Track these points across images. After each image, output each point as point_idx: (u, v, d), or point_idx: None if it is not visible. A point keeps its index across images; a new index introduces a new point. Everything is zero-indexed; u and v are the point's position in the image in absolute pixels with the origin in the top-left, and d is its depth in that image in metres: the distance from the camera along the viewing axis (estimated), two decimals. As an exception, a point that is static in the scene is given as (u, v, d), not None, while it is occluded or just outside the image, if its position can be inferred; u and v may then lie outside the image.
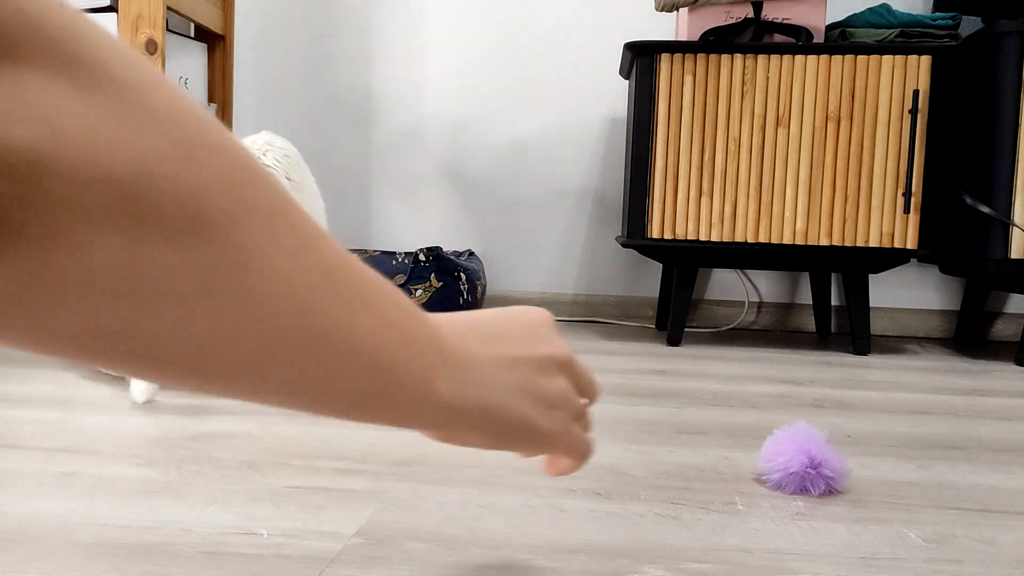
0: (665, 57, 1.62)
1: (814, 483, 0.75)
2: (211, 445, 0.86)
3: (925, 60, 1.56)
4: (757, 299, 2.03)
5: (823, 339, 1.87)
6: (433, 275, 1.77)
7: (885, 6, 1.66)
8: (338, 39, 2.12)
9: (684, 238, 1.64)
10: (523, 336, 0.41)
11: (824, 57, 1.59)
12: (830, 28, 1.69)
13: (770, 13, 1.64)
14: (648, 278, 2.07)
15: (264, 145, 1.21)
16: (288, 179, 1.19)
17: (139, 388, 1.03)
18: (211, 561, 0.57)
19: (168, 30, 1.54)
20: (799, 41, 1.61)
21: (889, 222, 1.59)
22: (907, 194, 1.58)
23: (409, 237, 2.12)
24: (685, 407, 1.11)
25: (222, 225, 0.24)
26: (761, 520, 0.69)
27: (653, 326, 2.01)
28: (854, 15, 1.69)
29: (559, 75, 2.05)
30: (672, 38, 1.97)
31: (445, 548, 0.61)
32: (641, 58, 1.63)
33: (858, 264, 1.65)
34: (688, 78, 1.62)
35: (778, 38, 1.65)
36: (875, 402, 1.19)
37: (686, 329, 1.97)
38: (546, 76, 2.06)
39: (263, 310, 0.26)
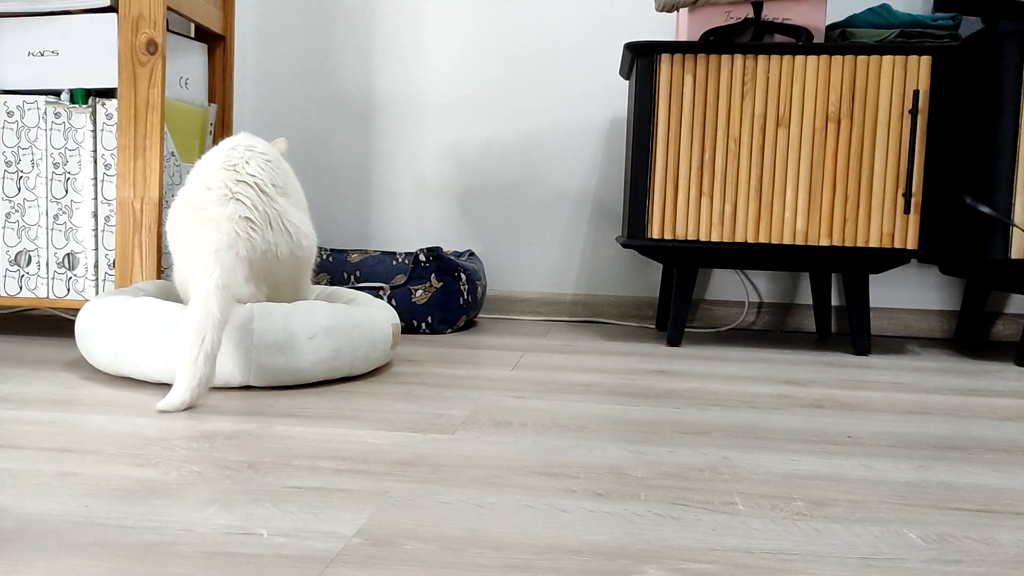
0: (665, 57, 1.62)
1: None
2: (211, 445, 0.86)
3: (925, 60, 1.56)
4: (757, 299, 2.03)
5: (823, 339, 1.87)
6: (433, 275, 1.77)
7: (885, 6, 1.66)
8: (338, 39, 2.12)
9: (684, 238, 1.64)
10: None
11: (824, 57, 1.59)
12: (830, 28, 1.69)
13: (770, 13, 1.64)
14: (648, 278, 2.07)
15: (245, 152, 1.20)
16: (273, 185, 1.19)
17: (171, 400, 1.01)
18: (211, 561, 0.57)
19: (168, 30, 1.54)
20: (799, 41, 1.61)
21: (889, 222, 1.59)
22: (907, 194, 1.58)
23: (409, 237, 2.12)
24: (685, 407, 1.11)
25: None
26: (761, 520, 0.69)
27: (653, 326, 2.01)
28: (854, 15, 1.69)
29: (559, 75, 2.05)
30: (672, 38, 1.97)
31: (444, 549, 0.61)
32: (641, 58, 1.63)
33: (858, 264, 1.65)
34: (688, 78, 1.62)
35: (778, 38, 1.65)
36: (875, 402, 1.19)
37: (686, 329, 1.98)
38: (546, 76, 2.06)
39: None
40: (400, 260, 1.88)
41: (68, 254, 1.48)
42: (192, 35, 1.70)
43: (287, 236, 1.18)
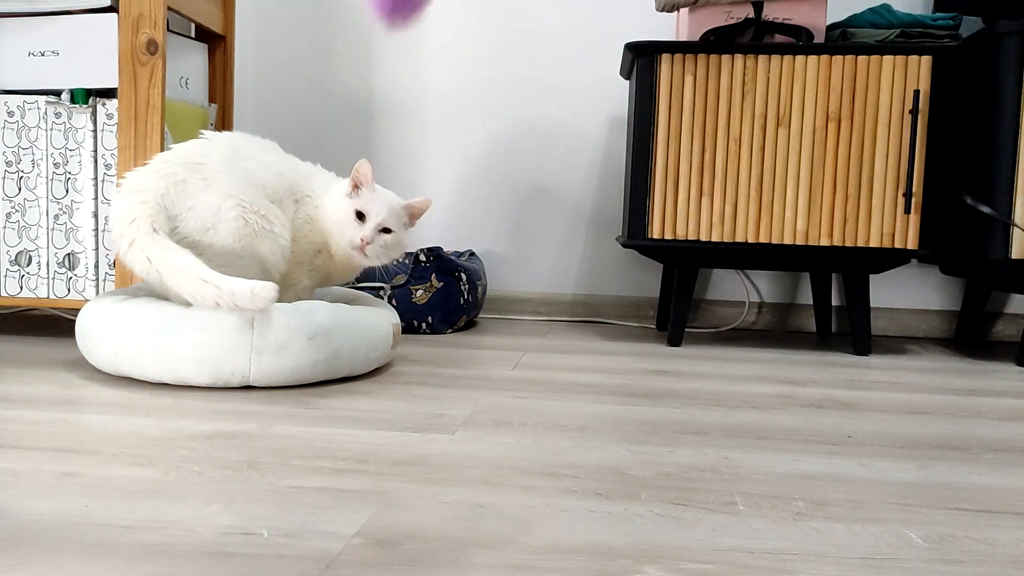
0: (666, 57, 1.62)
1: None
2: (211, 445, 0.86)
3: (926, 60, 1.56)
4: (757, 299, 2.03)
5: (823, 339, 1.87)
6: (434, 275, 1.77)
7: (886, 6, 1.66)
8: (338, 39, 2.12)
9: (684, 238, 1.64)
10: None
11: (824, 57, 1.59)
12: (830, 28, 1.69)
13: (770, 13, 1.64)
14: (648, 278, 2.07)
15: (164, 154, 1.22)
16: (199, 163, 1.19)
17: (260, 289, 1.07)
18: (212, 561, 0.57)
19: (169, 30, 1.54)
20: (799, 41, 1.61)
21: (889, 222, 1.59)
22: (907, 194, 1.58)
23: (410, 237, 2.12)
24: (685, 407, 1.11)
25: None
26: (761, 520, 0.69)
27: (653, 326, 2.01)
28: (854, 15, 1.69)
29: (559, 75, 2.05)
30: (673, 38, 1.97)
31: (445, 548, 0.61)
32: (641, 58, 1.63)
33: (858, 264, 1.64)
34: (688, 78, 1.62)
35: (778, 38, 1.65)
36: (875, 402, 1.19)
37: (686, 329, 1.97)
38: (546, 76, 2.06)
39: None
40: (401, 260, 1.88)
41: (68, 254, 1.48)
42: (192, 35, 1.70)
43: (183, 215, 1.16)
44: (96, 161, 1.47)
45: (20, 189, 1.48)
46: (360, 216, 1.27)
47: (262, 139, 1.31)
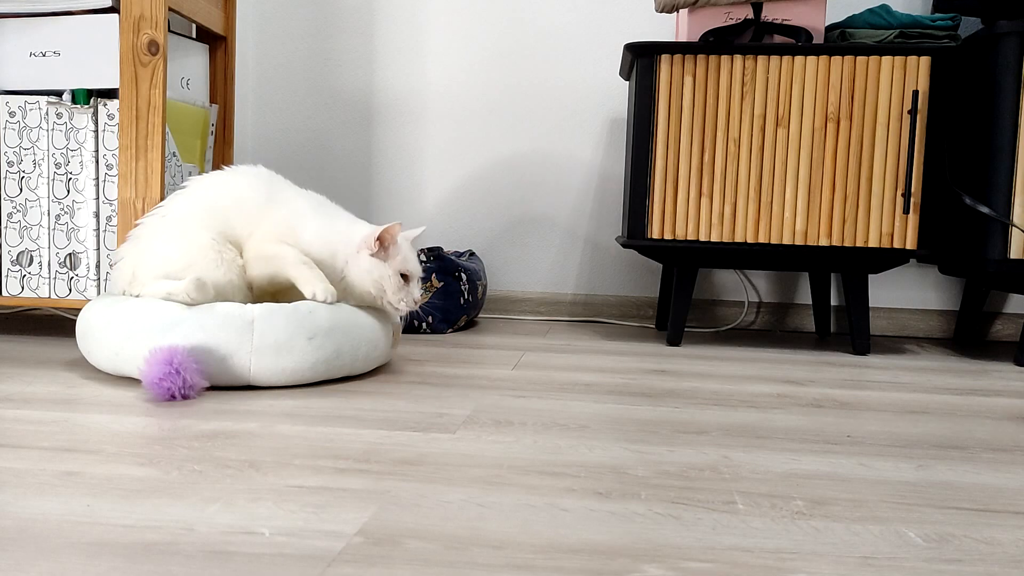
0: (665, 58, 1.62)
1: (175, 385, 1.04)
2: (212, 444, 0.86)
3: (924, 61, 1.57)
4: (757, 299, 2.03)
5: (823, 339, 1.87)
6: (434, 275, 1.77)
7: (884, 7, 1.66)
8: (339, 40, 2.12)
9: (684, 238, 1.64)
10: None
11: (824, 58, 1.59)
12: (830, 29, 1.70)
13: (770, 14, 1.65)
14: (648, 278, 2.07)
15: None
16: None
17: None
18: (213, 561, 0.58)
19: (170, 31, 1.54)
20: (799, 42, 1.61)
21: (888, 222, 1.59)
22: (906, 194, 1.58)
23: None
24: (685, 407, 1.11)
25: None
26: (761, 519, 0.69)
27: (653, 326, 2.01)
28: (854, 16, 1.69)
29: (559, 76, 2.05)
30: (672, 39, 1.97)
31: (446, 548, 0.61)
32: (641, 59, 1.63)
33: (857, 264, 1.65)
34: (688, 79, 1.62)
35: (778, 39, 1.65)
36: (875, 402, 1.19)
37: (686, 329, 1.98)
38: (546, 77, 2.06)
39: None
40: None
41: (70, 254, 1.48)
42: (193, 36, 1.70)
43: (140, 262, 1.24)
44: (97, 161, 1.47)
45: (21, 189, 1.48)
46: (405, 278, 1.25)
47: (256, 168, 1.31)
